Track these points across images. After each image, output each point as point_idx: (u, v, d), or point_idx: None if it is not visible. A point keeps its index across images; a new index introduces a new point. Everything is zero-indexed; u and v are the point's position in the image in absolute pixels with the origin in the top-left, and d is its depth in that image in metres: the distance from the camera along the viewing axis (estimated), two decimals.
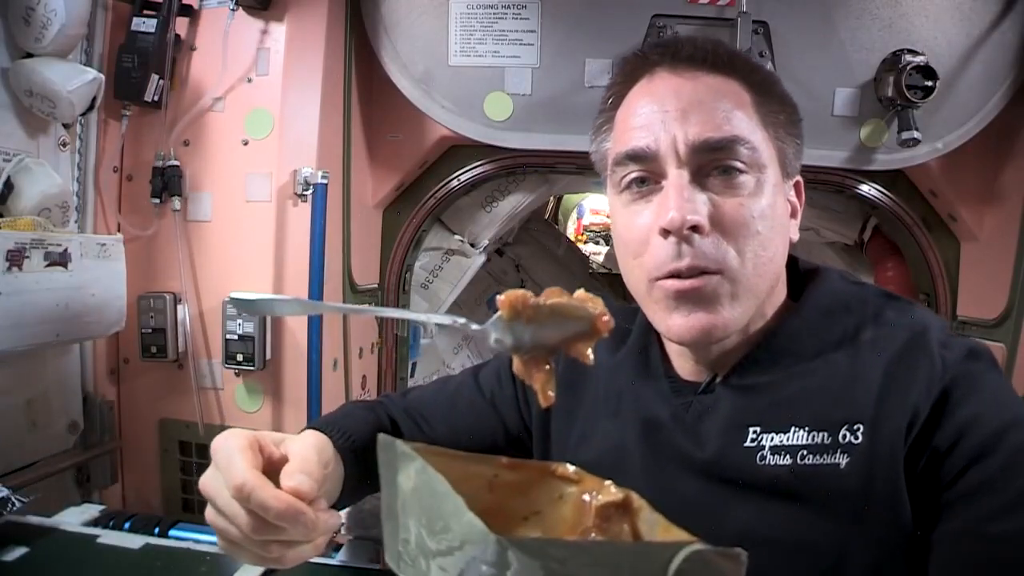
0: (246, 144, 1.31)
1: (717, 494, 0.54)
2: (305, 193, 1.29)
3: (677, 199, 0.52)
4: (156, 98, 1.27)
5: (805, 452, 0.51)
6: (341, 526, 0.81)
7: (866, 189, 1.49)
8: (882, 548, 0.48)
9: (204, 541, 0.77)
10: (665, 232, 0.52)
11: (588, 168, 0.64)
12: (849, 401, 0.51)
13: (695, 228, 0.51)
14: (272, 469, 0.47)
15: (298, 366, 1.29)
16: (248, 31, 1.30)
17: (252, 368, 1.26)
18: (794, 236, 0.60)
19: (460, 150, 1.53)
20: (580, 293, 0.47)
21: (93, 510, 0.87)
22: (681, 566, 0.29)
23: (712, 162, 0.53)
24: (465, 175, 1.54)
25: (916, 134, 1.29)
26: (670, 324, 0.54)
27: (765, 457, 0.52)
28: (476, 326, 0.47)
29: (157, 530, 0.83)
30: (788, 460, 0.51)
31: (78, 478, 1.27)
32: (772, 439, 0.52)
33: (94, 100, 1.14)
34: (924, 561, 0.48)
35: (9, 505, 0.79)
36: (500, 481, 0.46)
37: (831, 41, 1.32)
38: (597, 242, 4.81)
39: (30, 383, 1.16)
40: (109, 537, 0.78)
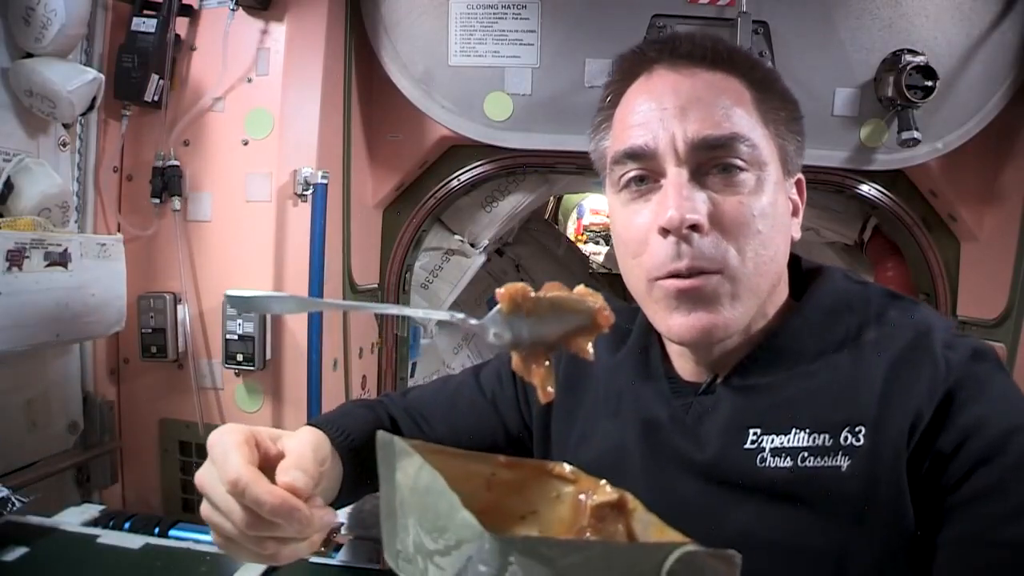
0: (246, 144, 1.31)
1: (717, 496, 0.53)
2: (305, 193, 1.28)
3: (676, 198, 0.51)
4: (156, 98, 1.26)
5: (806, 454, 0.50)
6: (341, 526, 0.81)
7: (866, 189, 1.49)
8: (884, 551, 0.48)
9: (204, 541, 0.77)
10: (664, 231, 0.51)
11: (588, 168, 0.64)
12: (851, 402, 0.50)
13: (694, 227, 0.51)
14: (268, 465, 0.46)
15: (298, 366, 1.29)
16: (248, 31, 1.30)
17: (252, 368, 1.26)
18: (796, 235, 0.59)
19: (460, 150, 1.53)
20: (580, 288, 0.46)
21: (93, 510, 0.87)
22: (673, 567, 0.29)
23: (712, 160, 0.52)
24: (465, 175, 1.54)
25: (916, 134, 1.29)
26: (670, 324, 0.53)
27: (765, 459, 0.51)
28: (475, 321, 0.47)
29: (157, 530, 0.83)
30: (789, 462, 0.50)
31: (78, 478, 1.27)
32: (772, 441, 0.51)
33: (94, 100, 1.14)
34: (927, 564, 0.47)
35: (9, 505, 0.79)
36: (498, 479, 0.46)
37: (831, 41, 1.32)
38: (597, 242, 4.81)
39: (30, 383, 1.16)
40: (109, 537, 0.78)
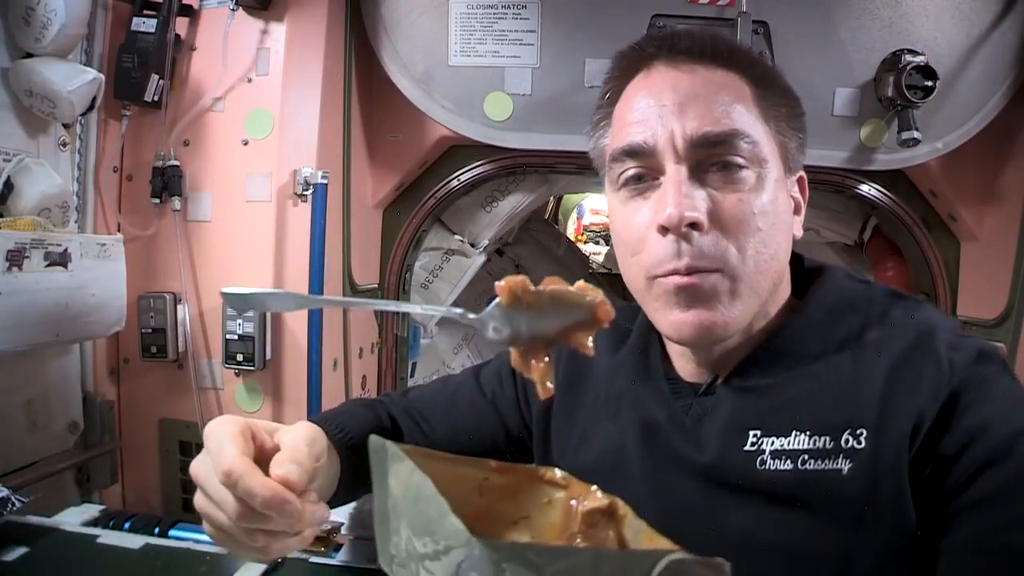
0: (246, 144, 1.31)
1: (717, 498, 0.52)
2: (305, 193, 1.28)
3: (675, 195, 0.50)
4: (156, 98, 1.26)
5: (806, 457, 0.49)
6: (341, 526, 0.81)
7: (866, 189, 1.49)
8: (885, 554, 0.47)
9: (204, 541, 0.77)
10: (663, 229, 0.51)
11: (588, 168, 0.63)
12: (852, 404, 0.50)
13: (693, 225, 0.50)
14: (264, 458, 0.46)
15: (298, 366, 1.29)
16: (248, 31, 1.30)
17: (252, 368, 1.26)
18: (797, 233, 0.58)
19: (460, 150, 1.53)
20: (580, 284, 0.46)
21: (93, 510, 0.87)
22: (662, 574, 0.29)
23: (711, 157, 0.52)
24: (465, 175, 1.54)
25: (916, 134, 1.29)
26: (669, 320, 0.53)
27: (765, 462, 0.50)
28: (473, 315, 0.46)
29: (157, 530, 0.83)
30: (789, 465, 0.50)
31: (78, 478, 1.27)
32: (773, 443, 0.51)
33: (94, 100, 1.14)
34: (929, 567, 0.46)
35: (9, 505, 0.79)
36: (490, 484, 0.46)
37: (831, 41, 1.32)
38: (597, 242, 4.82)
39: (30, 383, 1.15)
40: (109, 537, 0.78)
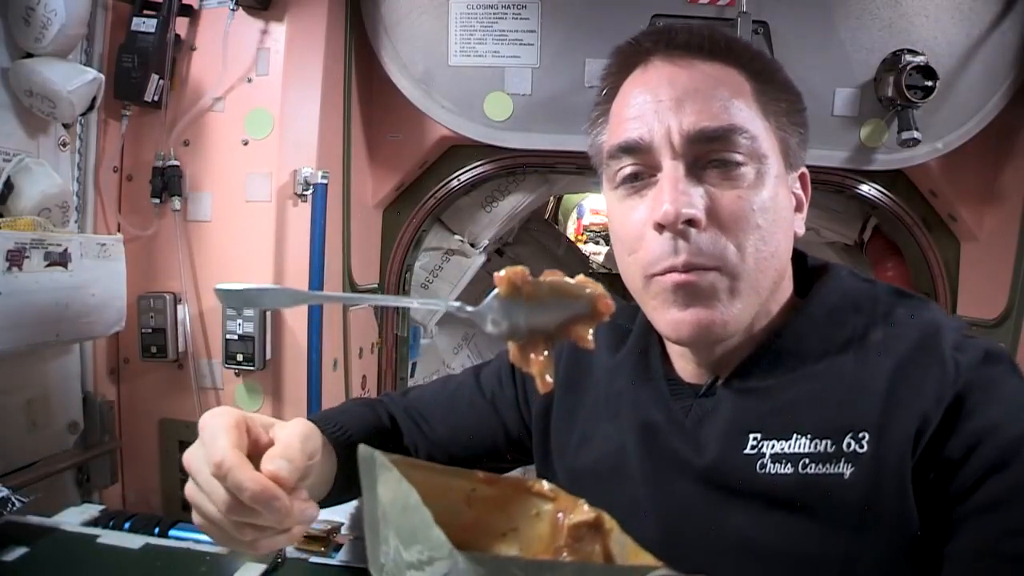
0: (246, 144, 1.31)
1: (716, 501, 0.52)
2: (305, 193, 1.28)
3: (671, 192, 0.49)
4: (156, 98, 1.26)
5: (807, 461, 0.48)
6: (341, 526, 0.81)
7: (866, 189, 1.49)
8: (888, 559, 0.46)
9: (204, 541, 0.77)
10: (660, 227, 0.50)
11: (588, 168, 0.63)
12: (854, 407, 0.49)
13: (691, 222, 0.49)
14: (258, 452, 0.46)
15: (298, 366, 1.29)
16: (248, 31, 1.30)
17: (252, 368, 1.26)
18: (799, 230, 0.57)
19: (460, 150, 1.53)
20: (581, 277, 0.45)
21: (93, 510, 0.87)
22: None
23: (709, 153, 0.51)
24: (465, 175, 1.54)
25: (916, 134, 1.29)
26: (668, 320, 0.52)
27: (765, 465, 0.50)
28: (471, 308, 0.45)
29: (157, 530, 0.83)
30: (790, 469, 0.49)
31: (78, 478, 1.27)
32: (773, 447, 0.50)
33: (94, 100, 1.14)
34: (933, 573, 0.46)
35: (9, 505, 0.79)
36: (478, 496, 0.45)
37: (831, 41, 1.32)
38: (597, 242, 4.83)
39: (30, 383, 1.15)
40: (109, 537, 0.78)
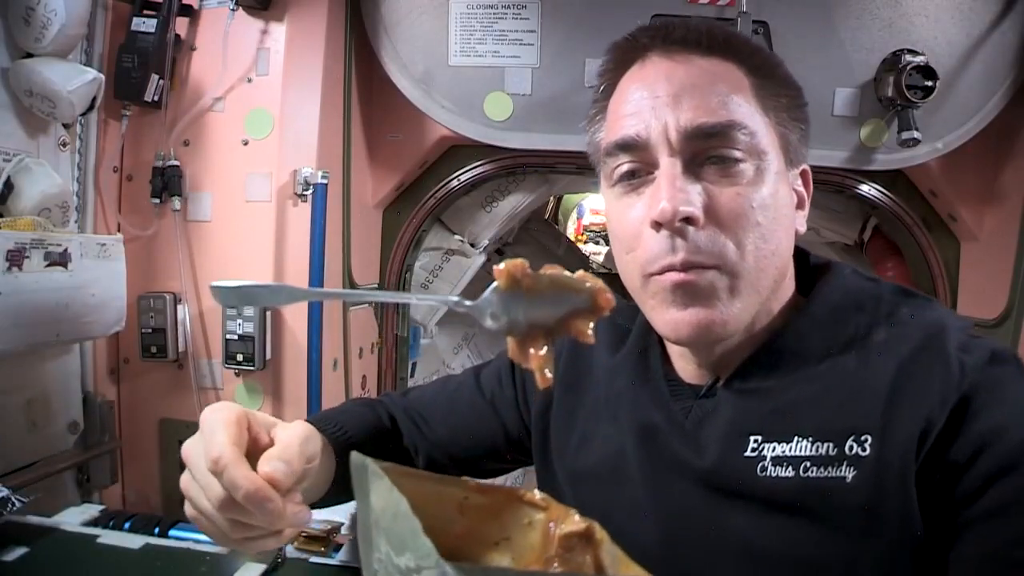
0: (246, 144, 1.31)
1: (717, 504, 0.51)
2: (305, 193, 1.28)
3: (669, 189, 0.49)
4: (156, 98, 1.26)
5: (808, 464, 0.48)
6: (341, 526, 0.81)
7: (866, 189, 1.49)
8: (890, 564, 0.46)
9: (204, 541, 0.77)
10: (657, 225, 0.49)
11: (588, 168, 0.63)
12: (856, 409, 0.48)
13: (688, 220, 0.48)
14: (257, 451, 0.46)
15: (298, 366, 1.29)
16: (248, 31, 1.30)
17: (252, 368, 1.26)
18: (801, 228, 0.56)
19: (460, 150, 1.53)
20: (581, 272, 0.44)
21: (93, 510, 0.87)
22: None
23: (707, 149, 0.50)
24: (465, 175, 1.54)
25: (916, 134, 1.29)
26: (667, 320, 0.51)
27: (766, 468, 0.49)
28: (470, 302, 0.44)
29: (157, 530, 0.83)
30: (791, 472, 0.48)
31: (78, 478, 1.27)
32: (774, 449, 0.49)
33: (94, 100, 1.14)
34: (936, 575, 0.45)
35: (9, 505, 0.79)
36: (471, 504, 0.45)
37: (831, 41, 1.32)
38: (597, 242, 4.83)
39: (30, 383, 1.15)
40: (109, 537, 0.78)
